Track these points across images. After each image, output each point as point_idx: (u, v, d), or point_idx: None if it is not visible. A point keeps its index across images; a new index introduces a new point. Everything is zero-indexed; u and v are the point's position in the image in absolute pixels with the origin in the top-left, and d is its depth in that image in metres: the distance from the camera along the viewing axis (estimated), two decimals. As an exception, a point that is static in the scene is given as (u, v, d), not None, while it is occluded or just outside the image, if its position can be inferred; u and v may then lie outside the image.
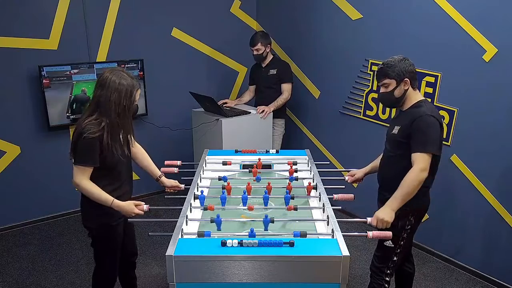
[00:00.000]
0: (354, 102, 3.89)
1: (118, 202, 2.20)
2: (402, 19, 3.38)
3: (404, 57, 2.31)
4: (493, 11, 2.84)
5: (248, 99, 4.34)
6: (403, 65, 2.27)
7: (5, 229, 3.85)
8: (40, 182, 3.90)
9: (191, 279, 1.74)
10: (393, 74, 2.28)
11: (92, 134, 2.09)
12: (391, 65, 2.28)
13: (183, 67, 4.40)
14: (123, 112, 2.15)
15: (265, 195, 2.22)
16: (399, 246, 2.38)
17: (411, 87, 2.31)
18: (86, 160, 2.14)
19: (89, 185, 2.17)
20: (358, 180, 2.69)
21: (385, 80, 2.31)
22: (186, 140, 4.30)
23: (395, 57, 2.31)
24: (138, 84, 2.23)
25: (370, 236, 1.97)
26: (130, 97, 2.15)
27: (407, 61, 2.30)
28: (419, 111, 2.25)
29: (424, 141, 2.19)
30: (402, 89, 2.30)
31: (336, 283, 1.73)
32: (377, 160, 2.62)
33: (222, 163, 2.79)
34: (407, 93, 2.31)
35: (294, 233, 1.89)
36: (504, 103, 2.87)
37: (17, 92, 3.65)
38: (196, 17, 4.39)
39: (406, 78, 2.27)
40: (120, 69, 2.21)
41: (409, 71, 2.28)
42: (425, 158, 2.18)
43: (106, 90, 2.11)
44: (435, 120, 2.21)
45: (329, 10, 3.92)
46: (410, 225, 2.35)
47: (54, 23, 3.68)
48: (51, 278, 3.20)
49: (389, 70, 2.28)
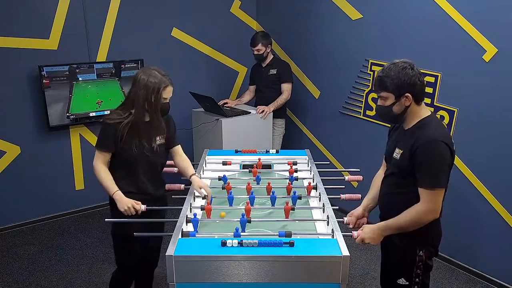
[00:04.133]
0: (354, 102, 3.89)
1: (119, 194, 2.22)
2: (402, 19, 3.38)
3: (408, 65, 1.89)
4: (493, 11, 2.84)
5: (248, 99, 4.35)
6: (404, 76, 1.85)
7: (5, 229, 3.85)
8: (40, 182, 3.90)
9: (191, 279, 1.74)
10: (391, 88, 1.88)
11: (109, 120, 2.21)
12: (390, 75, 1.87)
13: (183, 67, 4.40)
14: (150, 108, 2.22)
15: (273, 195, 2.21)
16: (415, 283, 2.02)
17: (415, 103, 1.91)
18: (100, 145, 2.26)
19: (101, 170, 2.25)
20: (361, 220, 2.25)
21: (382, 93, 1.93)
22: (186, 140, 4.29)
23: (398, 64, 1.89)
24: (168, 81, 2.26)
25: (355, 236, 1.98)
26: (157, 94, 2.21)
27: (410, 70, 1.87)
28: (424, 134, 1.86)
29: (432, 175, 1.84)
30: (402, 105, 1.90)
31: (336, 283, 1.73)
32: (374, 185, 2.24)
33: (222, 163, 2.79)
34: (409, 109, 1.92)
35: (279, 233, 1.88)
36: (504, 103, 2.87)
37: (17, 92, 3.65)
38: (196, 17, 4.39)
39: (407, 93, 1.87)
40: (152, 68, 2.28)
41: (412, 84, 1.86)
42: (433, 196, 1.84)
43: (136, 87, 2.21)
44: (445, 146, 1.83)
45: (329, 10, 3.93)
46: (421, 261, 1.99)
47: (54, 23, 3.68)
48: (51, 278, 3.20)
49: (387, 81, 1.88)
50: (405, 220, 1.90)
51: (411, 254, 1.99)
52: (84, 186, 4.12)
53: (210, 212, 2.13)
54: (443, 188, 1.87)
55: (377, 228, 1.98)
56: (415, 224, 1.89)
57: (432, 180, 1.84)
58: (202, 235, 1.94)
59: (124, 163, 2.28)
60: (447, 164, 1.86)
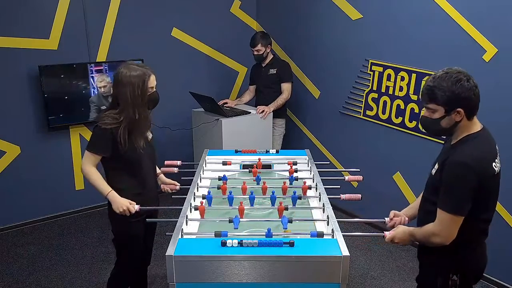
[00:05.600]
0: (354, 102, 3.89)
1: (113, 194, 2.22)
2: (402, 19, 3.38)
3: (464, 76, 1.70)
4: (493, 11, 2.84)
5: (248, 99, 4.35)
6: (459, 89, 1.67)
7: (5, 229, 3.85)
8: (40, 182, 3.90)
9: (191, 279, 1.74)
10: (442, 100, 1.71)
11: (105, 125, 2.17)
12: (442, 87, 1.69)
13: (183, 67, 4.40)
14: (139, 103, 2.19)
15: (273, 195, 2.21)
16: None
17: (466, 119, 1.74)
18: (94, 147, 2.22)
19: (91, 171, 2.23)
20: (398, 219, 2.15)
21: (430, 104, 1.75)
22: (186, 140, 4.30)
23: (452, 74, 1.70)
24: (150, 71, 2.25)
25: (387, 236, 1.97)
26: (143, 85, 2.19)
27: (466, 83, 1.68)
28: (459, 152, 1.74)
29: (452, 200, 1.72)
30: (452, 120, 1.74)
31: (336, 283, 1.73)
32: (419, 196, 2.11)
33: (222, 163, 2.79)
34: (459, 125, 1.75)
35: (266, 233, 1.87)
36: (504, 103, 2.87)
37: (17, 92, 3.65)
38: (196, 17, 4.39)
39: (460, 108, 1.70)
40: (130, 63, 2.27)
41: (466, 98, 1.69)
42: (447, 221, 1.73)
43: (121, 85, 2.18)
44: (468, 171, 1.67)
45: (329, 10, 3.93)
46: (454, 285, 1.87)
47: (54, 23, 3.68)
48: (51, 278, 3.20)
49: (438, 93, 1.71)
50: (420, 233, 1.85)
51: (442, 276, 1.88)
52: (84, 186, 4.12)
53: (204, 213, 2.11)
54: (460, 216, 1.72)
55: (408, 231, 1.91)
56: (425, 242, 1.84)
57: (450, 205, 1.72)
58: (202, 235, 1.94)
59: (131, 164, 2.27)
60: (468, 189, 1.69)
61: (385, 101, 3.61)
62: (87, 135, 4.04)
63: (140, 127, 2.24)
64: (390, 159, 3.67)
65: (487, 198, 1.79)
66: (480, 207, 1.76)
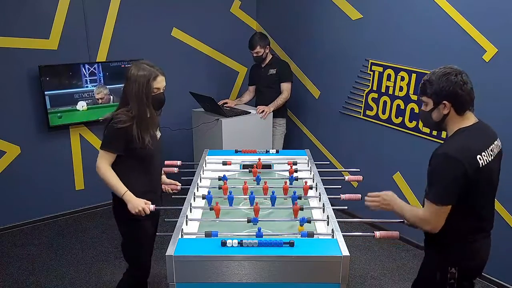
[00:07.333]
0: (354, 102, 3.89)
1: (130, 194, 2.20)
2: (402, 19, 3.38)
3: (453, 71, 1.81)
4: (493, 11, 2.84)
5: (248, 99, 4.35)
6: (444, 83, 1.78)
7: (5, 229, 3.85)
8: (40, 182, 3.90)
9: (191, 279, 1.74)
10: (430, 92, 1.83)
11: (121, 124, 2.17)
12: (431, 80, 1.82)
13: (183, 67, 4.40)
14: (143, 102, 2.20)
15: (273, 195, 2.21)
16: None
17: (455, 113, 1.83)
18: (109, 146, 2.22)
19: (107, 170, 2.22)
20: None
21: (422, 97, 1.89)
22: (186, 140, 4.30)
23: (445, 68, 1.84)
24: (158, 72, 2.25)
25: (377, 236, 1.97)
26: (148, 85, 2.20)
27: (453, 77, 1.79)
28: (444, 143, 1.84)
29: (436, 189, 1.79)
30: (440, 113, 1.84)
31: (336, 283, 1.73)
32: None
33: (222, 163, 2.79)
34: (448, 118, 1.84)
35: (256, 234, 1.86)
36: (504, 103, 2.87)
37: (17, 92, 3.65)
38: (196, 17, 4.39)
39: (446, 101, 1.80)
40: (142, 62, 2.29)
41: (451, 93, 1.78)
42: (433, 210, 1.79)
43: (129, 83, 2.21)
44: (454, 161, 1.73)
45: (329, 10, 3.93)
46: (453, 278, 1.90)
47: (54, 23, 3.68)
48: (51, 278, 3.20)
49: (427, 85, 1.84)
50: (410, 213, 1.90)
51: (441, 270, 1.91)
52: (84, 186, 4.12)
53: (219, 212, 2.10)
54: (443, 205, 1.77)
55: (399, 201, 1.96)
56: (413, 223, 1.89)
57: (432, 195, 1.79)
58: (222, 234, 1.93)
59: (142, 162, 2.27)
60: (449, 179, 1.75)
61: (385, 101, 3.61)
62: (87, 135, 4.05)
63: (147, 125, 2.24)
64: (390, 159, 3.67)
65: (474, 192, 1.80)
66: (468, 201, 1.80)
